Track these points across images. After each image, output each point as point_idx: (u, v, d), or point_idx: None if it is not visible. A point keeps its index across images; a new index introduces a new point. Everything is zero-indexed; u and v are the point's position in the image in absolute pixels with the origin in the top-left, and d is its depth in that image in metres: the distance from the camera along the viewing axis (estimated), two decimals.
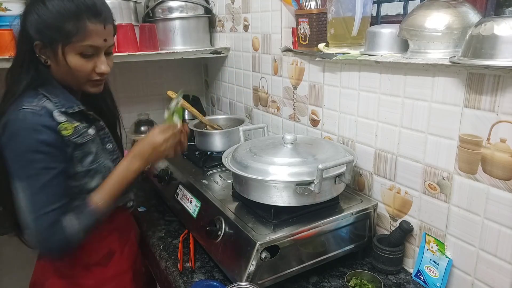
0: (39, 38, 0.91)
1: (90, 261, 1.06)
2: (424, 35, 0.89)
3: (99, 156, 1.02)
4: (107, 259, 1.09)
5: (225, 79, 1.98)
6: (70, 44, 0.90)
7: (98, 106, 1.12)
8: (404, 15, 1.17)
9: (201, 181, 1.28)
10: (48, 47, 0.92)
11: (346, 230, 1.06)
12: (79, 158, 0.97)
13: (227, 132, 1.46)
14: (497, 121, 0.80)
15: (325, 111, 1.30)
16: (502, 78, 0.78)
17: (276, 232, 0.96)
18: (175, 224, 1.33)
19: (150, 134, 1.03)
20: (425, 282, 1.00)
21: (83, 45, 0.91)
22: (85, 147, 0.98)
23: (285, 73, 1.47)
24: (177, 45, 1.85)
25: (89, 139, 0.99)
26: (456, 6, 0.87)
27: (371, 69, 1.08)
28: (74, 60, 0.92)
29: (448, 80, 0.88)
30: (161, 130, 1.03)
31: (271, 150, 1.06)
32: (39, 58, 0.94)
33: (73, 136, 0.95)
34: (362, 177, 1.19)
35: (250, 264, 0.91)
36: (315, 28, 1.22)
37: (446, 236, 0.96)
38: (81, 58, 0.93)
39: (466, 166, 0.88)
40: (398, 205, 1.08)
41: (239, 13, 1.71)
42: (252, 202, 1.04)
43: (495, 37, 0.73)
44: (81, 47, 0.91)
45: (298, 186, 0.96)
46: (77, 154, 0.96)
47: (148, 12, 1.86)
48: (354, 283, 1.00)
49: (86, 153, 0.98)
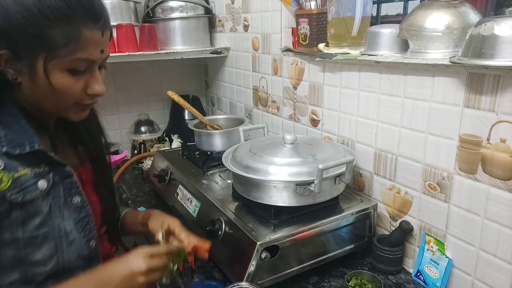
0: (7, 45, 0.66)
1: None
2: (424, 35, 0.89)
3: (53, 216, 0.74)
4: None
5: (225, 79, 1.98)
6: (56, 58, 0.67)
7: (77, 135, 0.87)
8: (404, 15, 1.17)
9: (201, 181, 1.28)
10: (21, 59, 0.67)
11: (346, 230, 1.06)
12: (19, 221, 0.70)
13: (227, 132, 1.46)
14: (497, 121, 0.80)
15: (325, 111, 1.30)
16: (502, 78, 0.78)
17: (276, 232, 0.96)
18: None
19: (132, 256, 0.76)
20: (425, 282, 1.00)
21: (75, 59, 0.68)
22: (30, 206, 0.70)
23: (285, 73, 1.47)
24: (177, 45, 1.86)
25: (37, 196, 0.71)
26: (456, 6, 0.87)
27: (371, 69, 1.08)
28: (60, 79, 0.69)
29: (448, 80, 0.88)
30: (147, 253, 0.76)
31: (271, 150, 1.06)
32: (3, 72, 0.68)
33: (10, 191, 0.67)
34: (362, 177, 1.19)
35: (250, 264, 0.90)
36: (315, 28, 1.23)
37: (446, 236, 0.96)
38: (70, 75, 0.70)
39: (466, 166, 0.88)
40: (398, 205, 1.08)
41: (239, 13, 1.71)
42: (252, 202, 1.04)
43: (495, 37, 0.73)
44: (71, 62, 0.69)
45: (298, 186, 0.96)
46: (16, 215, 0.69)
47: (148, 12, 1.86)
48: (354, 283, 1.00)
49: (31, 214, 0.70)
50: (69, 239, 0.76)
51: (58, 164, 0.75)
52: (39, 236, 0.72)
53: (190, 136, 1.57)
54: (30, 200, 0.70)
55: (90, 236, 0.80)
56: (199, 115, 1.52)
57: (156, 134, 2.01)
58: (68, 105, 0.74)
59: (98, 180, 0.89)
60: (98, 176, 0.90)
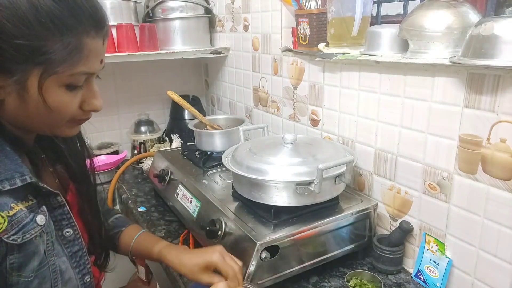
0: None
1: None
2: (424, 35, 0.89)
3: (50, 254, 0.65)
4: None
5: (225, 79, 1.98)
6: (54, 74, 0.58)
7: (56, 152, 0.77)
8: (404, 15, 1.17)
9: (201, 181, 1.28)
10: (10, 75, 0.57)
11: (346, 230, 1.06)
12: (15, 267, 0.60)
13: (227, 132, 1.46)
14: (497, 121, 0.80)
15: (325, 111, 1.30)
16: (502, 78, 0.78)
17: (276, 232, 0.96)
18: (175, 224, 1.33)
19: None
20: (425, 282, 1.00)
21: (74, 74, 0.60)
22: (28, 247, 0.60)
23: (285, 73, 1.47)
24: (177, 45, 1.86)
25: (37, 233, 0.62)
26: (456, 6, 0.87)
27: (371, 69, 1.08)
28: (56, 97, 0.60)
29: (448, 80, 0.88)
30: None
31: (271, 150, 1.06)
32: None
33: (7, 233, 0.58)
34: (362, 177, 1.19)
35: (250, 264, 0.91)
36: (315, 28, 1.23)
37: (446, 236, 0.96)
38: (66, 91, 0.61)
39: (466, 166, 0.88)
40: (398, 205, 1.08)
41: (239, 13, 1.71)
42: (252, 202, 1.04)
43: (495, 37, 0.73)
44: (70, 77, 0.60)
45: (298, 186, 0.96)
46: (13, 260, 0.59)
47: (148, 12, 1.86)
48: (354, 283, 1.00)
49: (28, 256, 0.61)
50: (65, 279, 0.68)
51: (48, 193, 0.66)
52: (35, 280, 0.62)
53: (190, 136, 1.57)
54: (29, 239, 0.60)
55: (84, 271, 0.73)
56: (199, 115, 1.52)
57: (156, 134, 2.01)
58: (61, 123, 0.65)
59: (82, 204, 0.80)
60: (82, 199, 0.80)
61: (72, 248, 0.71)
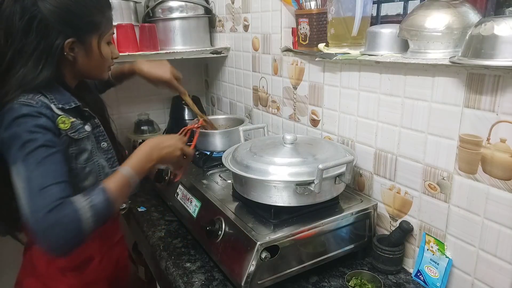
0: (74, 34, 0.88)
1: (67, 265, 1.00)
2: (424, 35, 0.89)
3: (94, 154, 0.97)
4: (84, 265, 1.03)
5: (225, 79, 1.98)
6: (104, 36, 0.95)
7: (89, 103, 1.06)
8: (404, 15, 1.17)
9: (201, 181, 1.28)
10: (83, 43, 0.91)
11: (346, 230, 1.06)
12: (74, 155, 0.92)
13: (227, 132, 1.46)
14: (497, 121, 0.80)
15: (325, 111, 1.30)
16: (502, 78, 0.78)
17: (276, 232, 0.96)
18: (175, 224, 1.33)
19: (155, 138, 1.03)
20: (425, 282, 1.00)
21: (110, 34, 0.97)
22: (80, 143, 0.93)
23: (285, 73, 1.47)
24: (177, 45, 1.85)
25: (85, 135, 0.94)
26: (456, 6, 0.87)
27: (371, 69, 1.08)
28: (105, 50, 0.97)
29: (448, 80, 0.88)
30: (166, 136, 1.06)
31: (271, 150, 1.06)
32: (65, 56, 0.90)
33: (70, 130, 0.90)
34: (362, 177, 1.19)
35: (250, 264, 0.91)
36: (315, 28, 1.22)
37: (446, 236, 0.96)
38: (108, 46, 0.98)
39: (466, 166, 0.88)
40: (398, 205, 1.08)
41: (239, 13, 1.71)
42: (252, 202, 1.04)
43: (495, 37, 0.73)
44: (109, 36, 0.97)
45: (298, 186, 0.96)
46: (72, 150, 0.91)
47: (148, 12, 1.86)
48: (354, 283, 1.00)
49: (81, 150, 0.93)
50: (105, 172, 0.99)
51: (90, 117, 0.98)
52: (86, 168, 0.94)
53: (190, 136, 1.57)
54: (81, 138, 0.93)
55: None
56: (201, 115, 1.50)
57: (156, 134, 2.01)
58: (105, 67, 1.02)
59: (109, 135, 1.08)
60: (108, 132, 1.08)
61: (107, 155, 1.01)
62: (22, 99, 0.84)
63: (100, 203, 0.81)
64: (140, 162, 0.94)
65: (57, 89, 0.92)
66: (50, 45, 0.86)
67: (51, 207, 0.75)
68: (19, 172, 0.79)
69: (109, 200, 0.83)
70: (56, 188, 0.78)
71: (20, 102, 0.83)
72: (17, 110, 0.82)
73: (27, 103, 0.84)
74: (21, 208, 0.77)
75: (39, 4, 0.84)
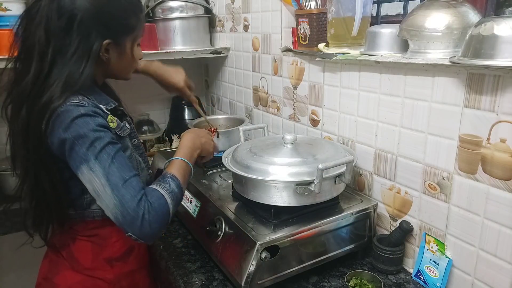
0: (110, 37, 0.89)
1: (114, 256, 1.03)
2: (424, 35, 0.89)
3: (132, 150, 1.00)
4: (128, 254, 1.06)
5: (225, 79, 1.98)
6: (137, 38, 0.97)
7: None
8: (404, 15, 1.17)
9: (201, 181, 1.28)
10: (118, 44, 0.92)
11: (346, 230, 1.06)
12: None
13: (227, 132, 1.46)
14: (497, 121, 0.80)
15: (325, 111, 1.30)
16: (502, 78, 0.78)
17: (276, 232, 0.96)
18: (175, 224, 1.33)
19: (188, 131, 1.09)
20: (425, 282, 1.00)
21: (140, 36, 0.99)
22: (124, 141, 0.95)
23: (285, 73, 1.47)
24: (177, 45, 1.86)
25: (127, 133, 0.97)
26: (456, 6, 0.87)
27: (371, 69, 1.08)
28: (136, 52, 0.99)
29: (448, 80, 0.88)
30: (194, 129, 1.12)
31: (271, 150, 1.06)
32: (101, 57, 0.90)
33: (117, 129, 0.93)
34: (362, 177, 1.19)
35: (250, 264, 0.91)
36: (315, 28, 1.23)
37: (446, 236, 0.96)
38: (138, 47, 1.00)
39: (466, 166, 0.88)
40: (398, 205, 1.08)
41: (239, 13, 1.71)
42: (252, 202, 1.04)
43: (495, 37, 0.73)
44: (139, 38, 0.99)
45: (298, 186, 0.96)
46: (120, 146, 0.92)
47: (148, 12, 1.86)
48: (354, 283, 1.00)
49: (125, 147, 0.96)
50: (141, 167, 1.02)
51: (123, 115, 1.01)
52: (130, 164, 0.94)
53: None
54: (124, 136, 0.96)
55: (148, 166, 1.07)
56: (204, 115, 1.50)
57: (156, 134, 2.01)
58: (133, 69, 1.03)
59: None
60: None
61: (139, 151, 1.05)
62: (74, 100, 0.84)
63: (175, 188, 0.88)
64: (190, 150, 1.00)
65: (93, 90, 0.92)
66: (91, 46, 0.86)
67: (140, 197, 0.80)
68: (94, 169, 0.81)
69: (180, 186, 0.90)
70: (136, 180, 0.83)
71: (73, 103, 0.84)
72: (73, 111, 0.83)
73: (81, 104, 0.84)
74: (103, 202, 0.82)
75: (78, 4, 0.84)
